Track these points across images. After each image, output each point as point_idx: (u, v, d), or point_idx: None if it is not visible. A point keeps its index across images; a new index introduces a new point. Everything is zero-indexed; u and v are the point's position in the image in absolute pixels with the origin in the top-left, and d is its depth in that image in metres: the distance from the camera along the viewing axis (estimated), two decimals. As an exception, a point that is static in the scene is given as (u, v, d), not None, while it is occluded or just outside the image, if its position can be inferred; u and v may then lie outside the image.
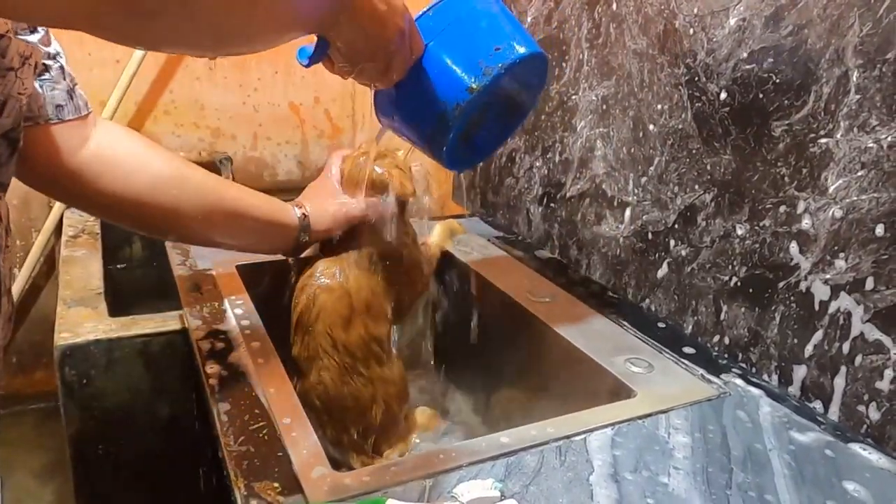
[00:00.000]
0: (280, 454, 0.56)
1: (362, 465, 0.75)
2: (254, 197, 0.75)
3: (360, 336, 0.76)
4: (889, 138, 0.59)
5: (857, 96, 0.61)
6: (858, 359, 0.63)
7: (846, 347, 0.64)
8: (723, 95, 0.74)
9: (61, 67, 0.61)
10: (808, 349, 0.68)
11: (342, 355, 0.75)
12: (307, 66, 0.54)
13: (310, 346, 0.76)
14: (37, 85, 0.59)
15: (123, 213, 0.68)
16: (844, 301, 0.64)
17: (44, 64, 0.59)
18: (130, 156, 0.67)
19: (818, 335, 0.67)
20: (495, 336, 0.95)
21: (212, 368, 0.68)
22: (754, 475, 0.57)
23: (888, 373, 0.61)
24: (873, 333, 0.62)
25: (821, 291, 0.66)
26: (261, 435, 0.58)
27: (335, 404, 0.76)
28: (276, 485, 0.52)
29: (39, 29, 0.57)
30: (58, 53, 0.60)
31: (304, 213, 0.77)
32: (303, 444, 0.57)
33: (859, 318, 0.63)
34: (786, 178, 0.68)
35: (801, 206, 0.67)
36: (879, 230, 0.60)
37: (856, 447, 0.62)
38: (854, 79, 0.62)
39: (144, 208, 0.67)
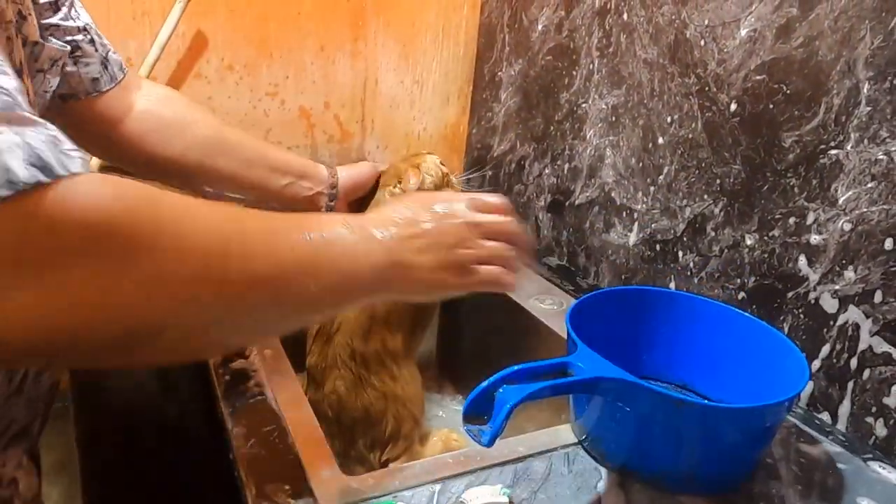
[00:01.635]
0: (291, 457, 0.56)
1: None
2: (287, 154, 0.81)
3: (376, 349, 0.77)
4: (899, 151, 0.59)
5: (868, 108, 0.62)
6: (866, 372, 0.63)
7: (854, 359, 0.64)
8: (733, 106, 0.75)
9: (91, 40, 0.63)
10: (817, 360, 0.68)
11: (358, 366, 0.76)
12: (489, 445, 0.46)
13: (328, 355, 0.76)
14: (70, 65, 0.61)
15: (168, 173, 0.72)
16: (853, 313, 0.64)
17: (74, 42, 0.61)
18: (173, 119, 0.72)
19: (826, 347, 0.67)
20: (503, 342, 0.95)
21: (223, 372, 0.69)
22: (762, 485, 0.57)
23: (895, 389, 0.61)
24: (882, 346, 0.62)
25: (829, 304, 0.66)
26: (272, 438, 0.59)
27: (347, 415, 0.76)
28: (286, 487, 0.53)
29: (61, 7, 0.59)
30: (86, 26, 0.63)
31: (332, 172, 0.83)
32: (313, 447, 0.58)
33: (867, 331, 0.63)
34: (795, 189, 0.69)
35: (810, 217, 0.67)
36: (889, 243, 0.61)
37: (867, 461, 0.61)
38: (865, 91, 0.62)
39: (186, 168, 0.72)
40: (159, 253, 0.33)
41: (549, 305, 0.89)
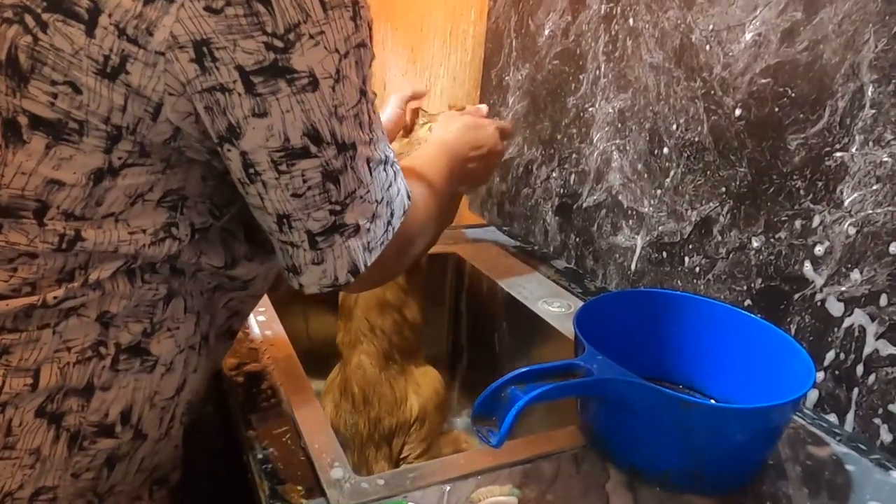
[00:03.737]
0: (303, 458, 0.57)
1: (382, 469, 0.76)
2: None
3: (394, 320, 0.81)
4: (904, 153, 0.60)
5: (872, 111, 0.62)
6: (873, 374, 0.64)
7: (861, 361, 0.65)
8: (738, 109, 0.75)
9: None
10: (824, 362, 0.68)
11: (380, 339, 0.80)
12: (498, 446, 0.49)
13: (352, 331, 0.81)
14: None
15: None
16: (859, 315, 0.64)
17: None
18: None
19: (833, 348, 0.67)
20: (512, 344, 0.96)
21: (236, 375, 0.70)
22: (770, 485, 0.58)
23: (903, 386, 0.61)
24: (887, 348, 0.62)
25: (835, 307, 0.67)
26: (284, 440, 0.60)
27: (373, 389, 0.79)
28: (299, 488, 0.54)
29: None
30: None
31: None
32: (325, 448, 0.59)
33: (873, 334, 0.63)
34: (801, 192, 0.69)
35: (816, 220, 0.68)
36: (894, 247, 0.61)
37: (874, 463, 0.62)
38: (869, 93, 0.62)
39: None
40: (433, 224, 0.62)
41: (557, 308, 0.90)
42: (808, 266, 0.69)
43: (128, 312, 0.47)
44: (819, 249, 0.68)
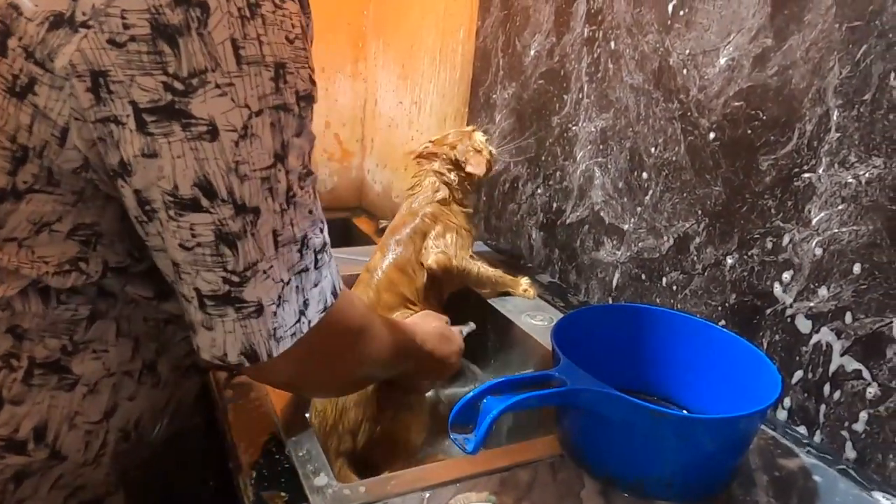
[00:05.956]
0: (287, 465, 0.59)
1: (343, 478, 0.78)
2: None
3: None
4: (867, 174, 0.63)
5: (838, 134, 0.65)
6: (839, 388, 0.66)
7: (828, 375, 0.67)
8: (713, 131, 0.78)
9: None
10: (794, 376, 0.70)
11: None
12: (473, 452, 0.51)
13: None
14: None
15: None
16: (825, 332, 0.67)
17: None
18: None
19: (802, 362, 0.69)
20: (495, 357, 0.98)
21: (226, 387, 0.72)
22: (740, 493, 0.60)
23: (863, 415, 0.64)
24: (852, 364, 0.64)
25: (804, 324, 0.69)
26: (269, 447, 0.61)
27: (345, 418, 0.78)
28: (283, 494, 0.55)
29: None
30: None
31: None
32: (308, 456, 0.60)
33: (839, 350, 0.66)
34: (772, 210, 0.72)
35: (786, 238, 0.70)
36: (858, 265, 0.64)
37: (840, 474, 0.64)
38: (834, 118, 0.65)
39: None
40: (373, 349, 0.60)
41: (539, 321, 0.92)
42: (778, 283, 0.72)
43: (42, 328, 0.46)
44: (788, 267, 0.70)
